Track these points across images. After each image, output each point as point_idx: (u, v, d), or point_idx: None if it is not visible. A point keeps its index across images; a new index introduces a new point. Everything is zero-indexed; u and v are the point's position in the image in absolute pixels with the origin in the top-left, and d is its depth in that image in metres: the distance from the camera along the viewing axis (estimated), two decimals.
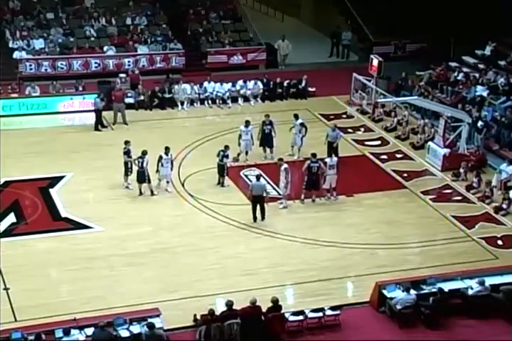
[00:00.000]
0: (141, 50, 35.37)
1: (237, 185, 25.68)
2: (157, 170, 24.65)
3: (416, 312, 19.27)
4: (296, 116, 27.62)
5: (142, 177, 24.48)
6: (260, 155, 27.48)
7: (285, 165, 24.26)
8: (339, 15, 41.12)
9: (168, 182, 25.00)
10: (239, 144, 26.78)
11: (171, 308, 19.00)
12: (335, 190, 25.02)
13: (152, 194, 24.73)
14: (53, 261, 21.30)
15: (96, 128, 29.75)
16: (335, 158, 24.92)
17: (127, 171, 24.97)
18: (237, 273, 20.95)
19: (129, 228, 22.97)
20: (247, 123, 26.92)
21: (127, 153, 24.89)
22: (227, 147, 25.59)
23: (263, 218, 23.42)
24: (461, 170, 26.66)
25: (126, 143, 25.17)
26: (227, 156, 25.43)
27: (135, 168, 24.74)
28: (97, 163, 26.40)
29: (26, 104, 30.94)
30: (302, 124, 27.44)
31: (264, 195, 23.30)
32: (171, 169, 24.99)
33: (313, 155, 24.65)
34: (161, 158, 24.59)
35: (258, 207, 23.34)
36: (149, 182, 24.59)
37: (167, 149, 24.85)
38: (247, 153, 27.11)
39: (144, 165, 24.33)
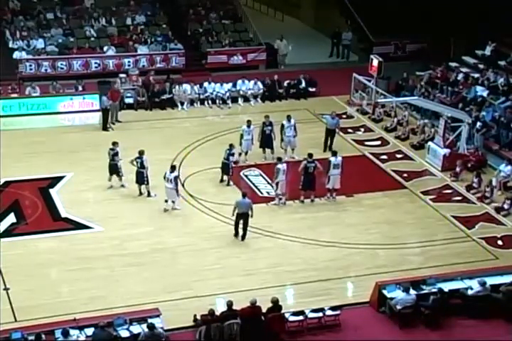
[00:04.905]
0: (141, 50, 35.36)
1: (237, 185, 25.68)
2: (176, 190, 23.81)
3: (416, 312, 19.27)
4: (289, 118, 27.61)
5: (141, 178, 24.46)
6: (260, 155, 27.48)
7: (278, 166, 24.22)
8: (339, 15, 41.13)
9: (173, 201, 24.10)
10: (240, 144, 26.78)
11: (171, 308, 19.00)
12: (335, 191, 25.03)
13: (149, 195, 24.72)
14: (53, 261, 21.31)
15: (104, 128, 29.74)
16: (339, 158, 24.84)
17: (119, 172, 24.96)
18: (237, 273, 20.96)
19: (129, 228, 22.98)
20: (249, 123, 26.94)
21: (116, 154, 24.85)
22: (232, 145, 25.56)
23: (243, 238, 22.58)
24: (457, 169, 26.67)
25: (114, 144, 25.06)
26: (232, 154, 25.42)
27: (125, 169, 24.77)
28: (97, 163, 26.34)
29: (26, 104, 30.93)
30: (294, 125, 27.50)
31: (250, 212, 22.38)
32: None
33: (310, 155, 24.66)
34: (177, 177, 23.76)
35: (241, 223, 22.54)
36: (147, 183, 24.54)
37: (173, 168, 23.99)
38: (246, 153, 27.12)
39: (145, 164, 24.29)
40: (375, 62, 32.04)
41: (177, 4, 39.22)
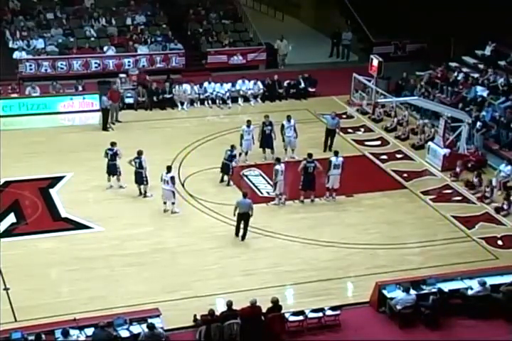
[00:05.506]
0: (141, 50, 35.35)
1: (237, 185, 25.68)
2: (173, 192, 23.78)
3: (416, 312, 19.27)
4: (289, 118, 27.61)
5: (140, 178, 24.46)
6: (260, 155, 27.48)
7: (276, 167, 24.23)
8: (339, 15, 41.14)
9: (173, 203, 24.00)
10: (241, 144, 26.79)
11: (171, 308, 19.00)
12: (335, 191, 25.03)
13: (145, 195, 24.67)
14: (53, 261, 21.31)
15: (104, 128, 29.74)
16: (340, 158, 24.84)
17: (116, 172, 24.96)
18: (237, 273, 20.96)
19: (129, 228, 22.98)
20: (249, 123, 26.94)
21: (116, 154, 24.85)
22: (233, 146, 25.56)
23: (243, 238, 22.55)
24: (457, 169, 26.67)
25: (113, 144, 24.99)
26: (234, 156, 25.41)
27: (124, 169, 24.75)
28: (97, 163, 26.30)
29: (26, 104, 30.93)
30: (294, 126, 27.50)
31: (250, 212, 22.33)
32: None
33: (310, 155, 24.66)
34: (173, 177, 23.68)
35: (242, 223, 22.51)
36: (146, 183, 24.54)
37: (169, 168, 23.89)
38: (246, 153, 27.13)
39: (143, 165, 24.28)
40: (375, 62, 32.05)
41: (177, 4, 39.21)
